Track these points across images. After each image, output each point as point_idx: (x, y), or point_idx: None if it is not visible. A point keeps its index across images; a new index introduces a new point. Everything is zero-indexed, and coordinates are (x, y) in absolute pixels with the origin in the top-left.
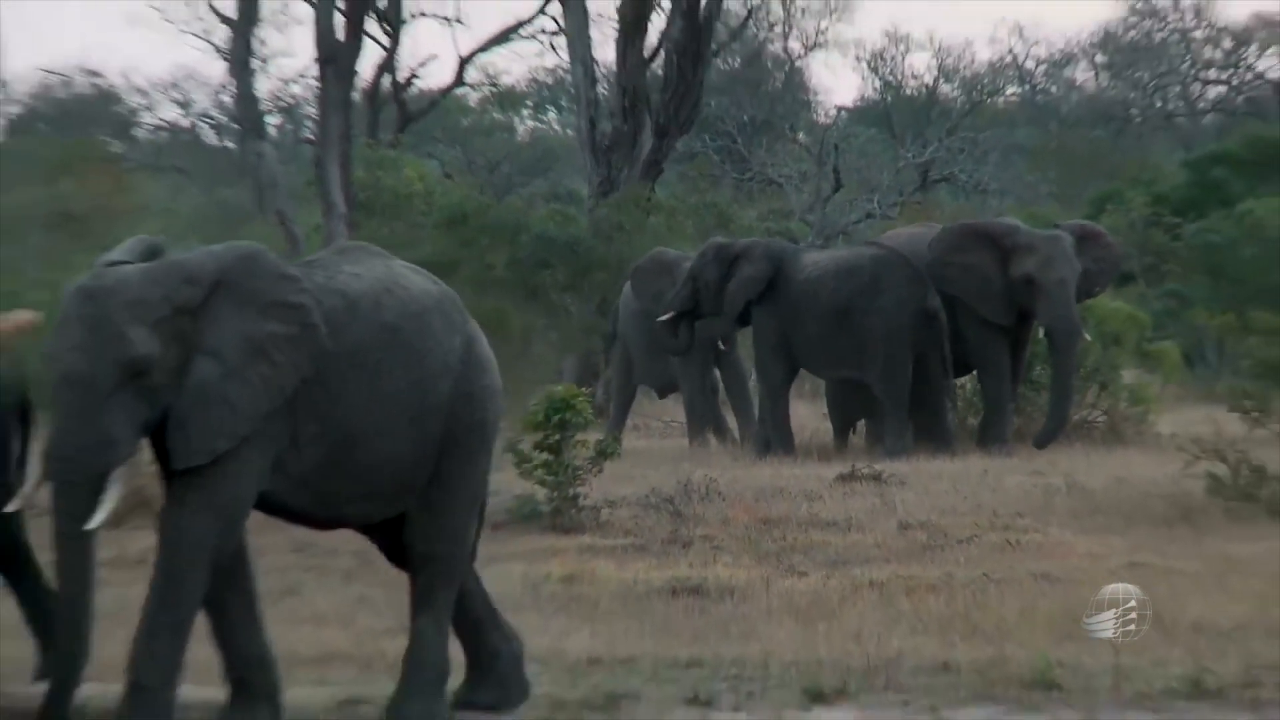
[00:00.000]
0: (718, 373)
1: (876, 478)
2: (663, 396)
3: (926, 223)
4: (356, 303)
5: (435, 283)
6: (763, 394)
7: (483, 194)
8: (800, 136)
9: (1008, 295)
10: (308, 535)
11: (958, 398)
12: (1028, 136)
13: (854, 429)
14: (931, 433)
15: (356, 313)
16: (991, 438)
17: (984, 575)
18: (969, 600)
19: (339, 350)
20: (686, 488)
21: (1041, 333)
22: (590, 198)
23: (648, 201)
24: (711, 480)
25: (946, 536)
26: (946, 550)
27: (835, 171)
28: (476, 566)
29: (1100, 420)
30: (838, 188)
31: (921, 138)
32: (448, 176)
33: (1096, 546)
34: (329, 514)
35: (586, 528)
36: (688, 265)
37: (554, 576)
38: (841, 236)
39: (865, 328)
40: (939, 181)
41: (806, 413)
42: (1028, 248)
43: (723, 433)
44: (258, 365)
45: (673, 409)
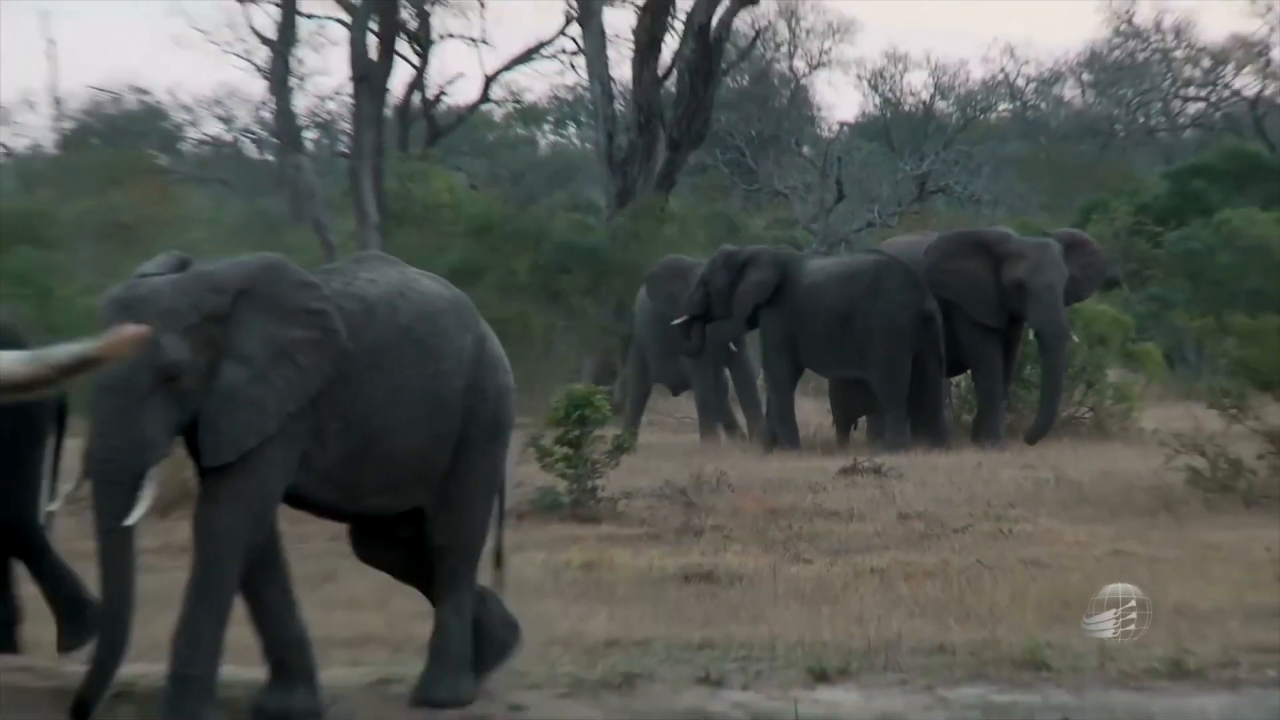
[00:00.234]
0: (728, 372)
1: (877, 470)
2: (676, 394)
3: (923, 231)
4: (374, 307)
5: (447, 287)
6: (770, 392)
7: (507, 204)
8: (805, 150)
9: (1000, 299)
10: (344, 525)
11: (953, 395)
12: (1019, 150)
13: (855, 425)
14: (928, 428)
15: (374, 316)
16: (985, 433)
17: (978, 562)
18: (964, 585)
19: (358, 351)
20: (698, 480)
21: (1032, 334)
22: (608, 208)
23: (662, 211)
24: (722, 473)
25: (943, 526)
26: (942, 539)
27: (838, 183)
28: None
29: (1087, 417)
30: (840, 198)
31: (919, 151)
32: (474, 188)
33: (1083, 535)
34: (352, 506)
35: (604, 518)
36: (699, 271)
37: (574, 563)
38: (844, 244)
39: (866, 330)
40: (935, 192)
41: (811, 409)
42: (1018, 254)
43: (732, 428)
44: (283, 368)
45: (685, 406)
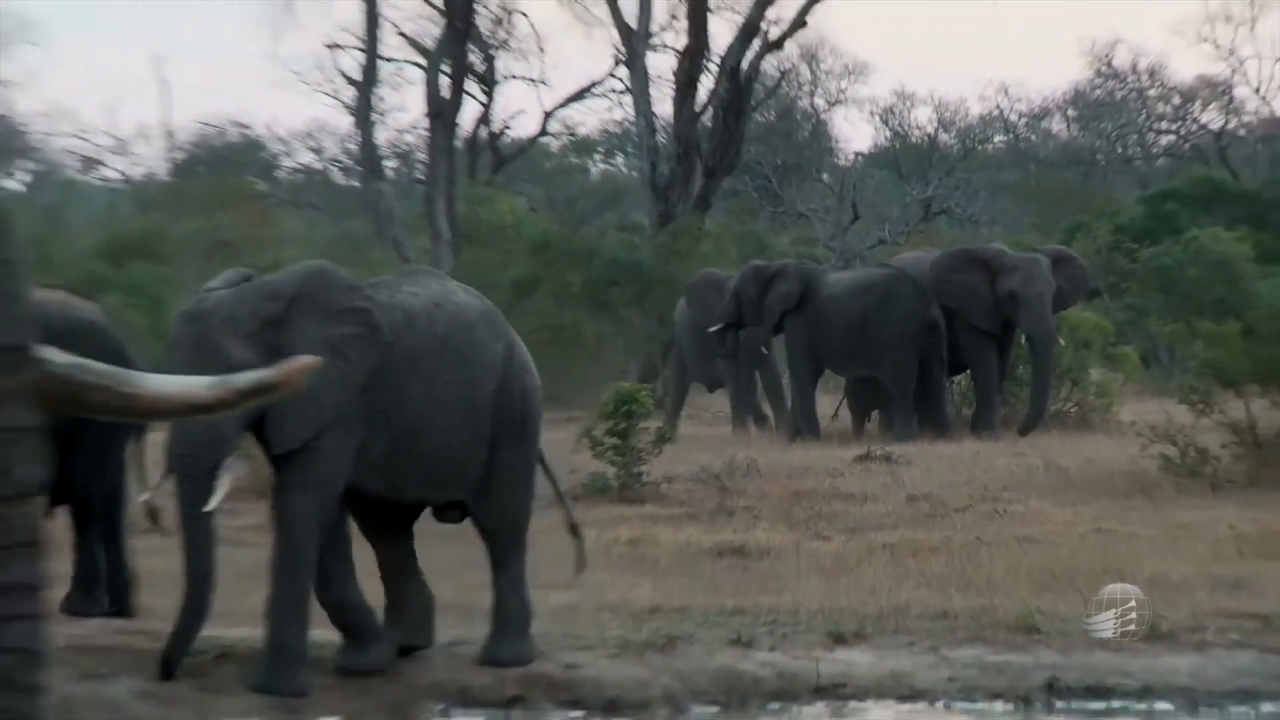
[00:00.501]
0: (757, 372)
1: (888, 458)
2: (711, 391)
3: (928, 248)
4: (414, 316)
5: (480, 299)
6: (794, 389)
7: (562, 225)
8: (824, 177)
9: (995, 307)
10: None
11: (954, 392)
12: (1012, 177)
13: (869, 418)
14: (933, 421)
15: (414, 325)
16: (982, 425)
17: (977, 539)
18: (964, 559)
19: (400, 356)
20: (731, 466)
21: (1023, 338)
22: (651, 228)
23: (698, 231)
24: (751, 460)
25: (945, 507)
26: (945, 518)
27: (853, 206)
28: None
29: (1072, 411)
30: (855, 219)
31: (924, 178)
32: (533, 210)
33: (1069, 515)
34: (396, 496)
35: (648, 499)
36: (732, 284)
37: (621, 540)
38: (858, 259)
39: (879, 335)
40: (939, 214)
41: (830, 404)
42: (1012, 268)
43: (761, 421)
44: (335, 363)
45: (719, 402)
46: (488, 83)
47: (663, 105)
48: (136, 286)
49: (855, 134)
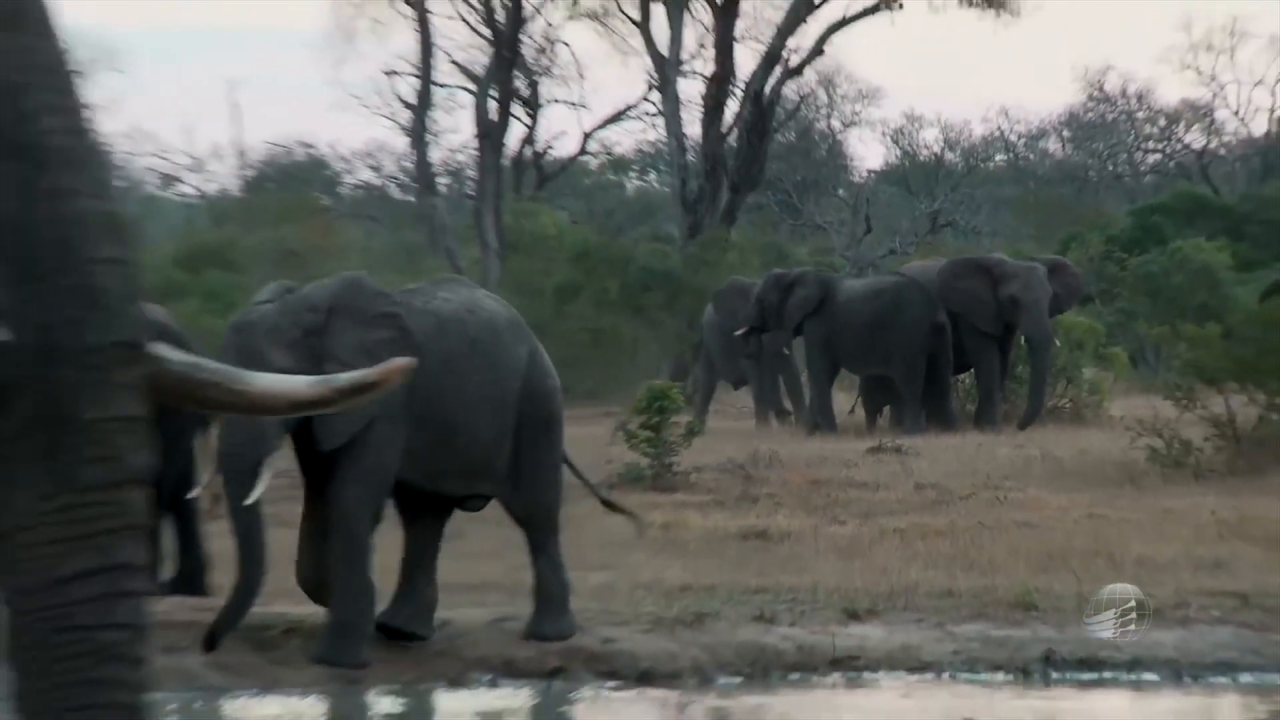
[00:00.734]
0: (779, 371)
1: (898, 450)
2: (736, 388)
3: (935, 258)
4: (447, 321)
5: (505, 306)
6: (812, 387)
7: (600, 236)
8: (840, 193)
9: (997, 312)
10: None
11: (959, 390)
12: (1012, 192)
13: (880, 413)
14: (939, 416)
15: (447, 329)
16: (985, 420)
17: (979, 523)
18: (968, 542)
19: (434, 357)
20: (754, 457)
21: (1022, 340)
22: (681, 239)
23: (725, 242)
24: (773, 452)
25: (951, 494)
26: (950, 505)
27: (866, 219)
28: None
29: (1067, 406)
30: (868, 231)
31: (931, 193)
32: (574, 223)
33: (1064, 501)
34: (433, 487)
35: (679, 487)
36: (756, 290)
37: (655, 525)
38: (871, 268)
39: (890, 337)
40: (945, 226)
41: (845, 401)
42: (1012, 275)
43: (782, 416)
44: (370, 365)
45: (743, 398)
46: (532, 106)
47: (692, 127)
48: (211, 293)
49: (868, 153)
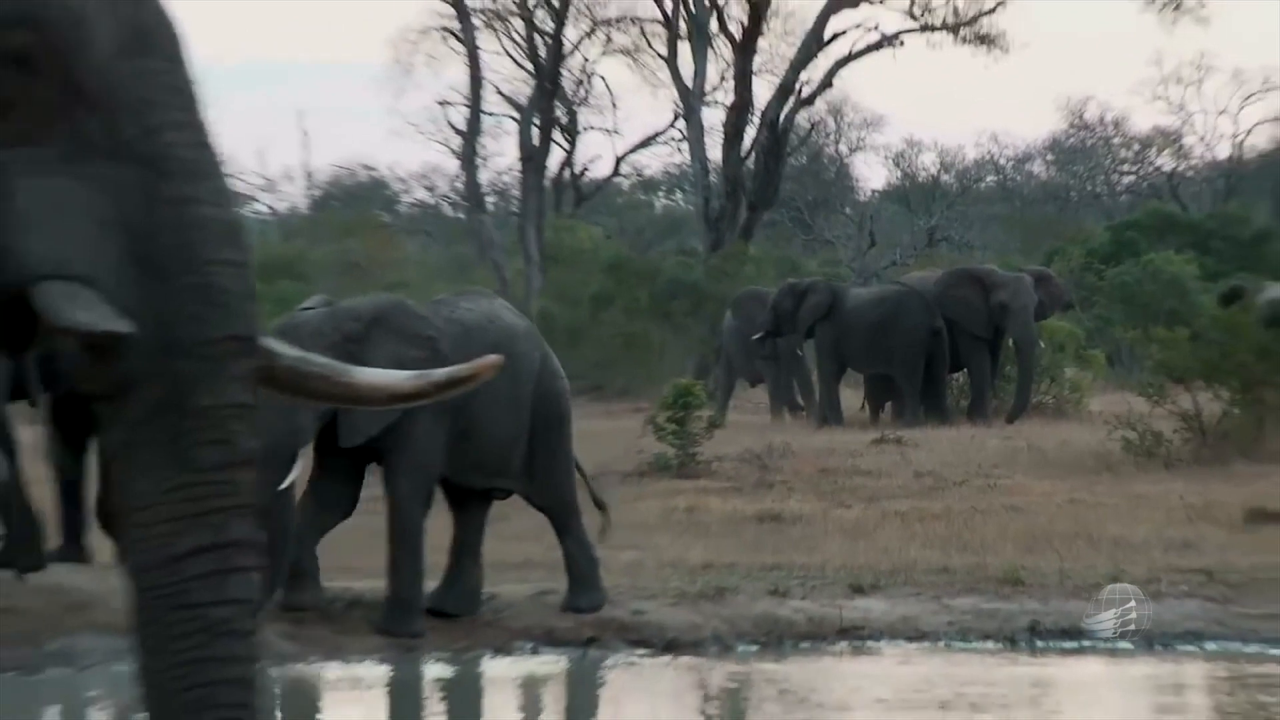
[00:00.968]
0: (792, 370)
1: (899, 441)
2: (753, 386)
3: (932, 269)
4: (470, 329)
5: (520, 316)
6: (821, 385)
7: (631, 250)
8: (847, 210)
9: (988, 317)
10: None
11: (953, 387)
12: (1001, 210)
13: (883, 408)
14: (936, 411)
15: (471, 336)
16: (977, 414)
17: (972, 508)
18: (961, 524)
19: (459, 361)
20: (769, 448)
21: (1010, 342)
22: (704, 252)
23: (743, 255)
24: (786, 443)
25: (946, 481)
26: (946, 491)
27: (870, 234)
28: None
29: (1050, 402)
30: (872, 245)
31: (929, 211)
32: (608, 238)
33: (1048, 487)
34: (459, 480)
35: (701, 475)
36: (771, 298)
37: (679, 508)
38: (875, 278)
39: (892, 340)
40: (941, 241)
41: (851, 397)
42: (1001, 284)
43: (795, 411)
44: None
45: (759, 395)
46: (570, 132)
47: (714, 151)
48: (282, 300)
49: (872, 175)
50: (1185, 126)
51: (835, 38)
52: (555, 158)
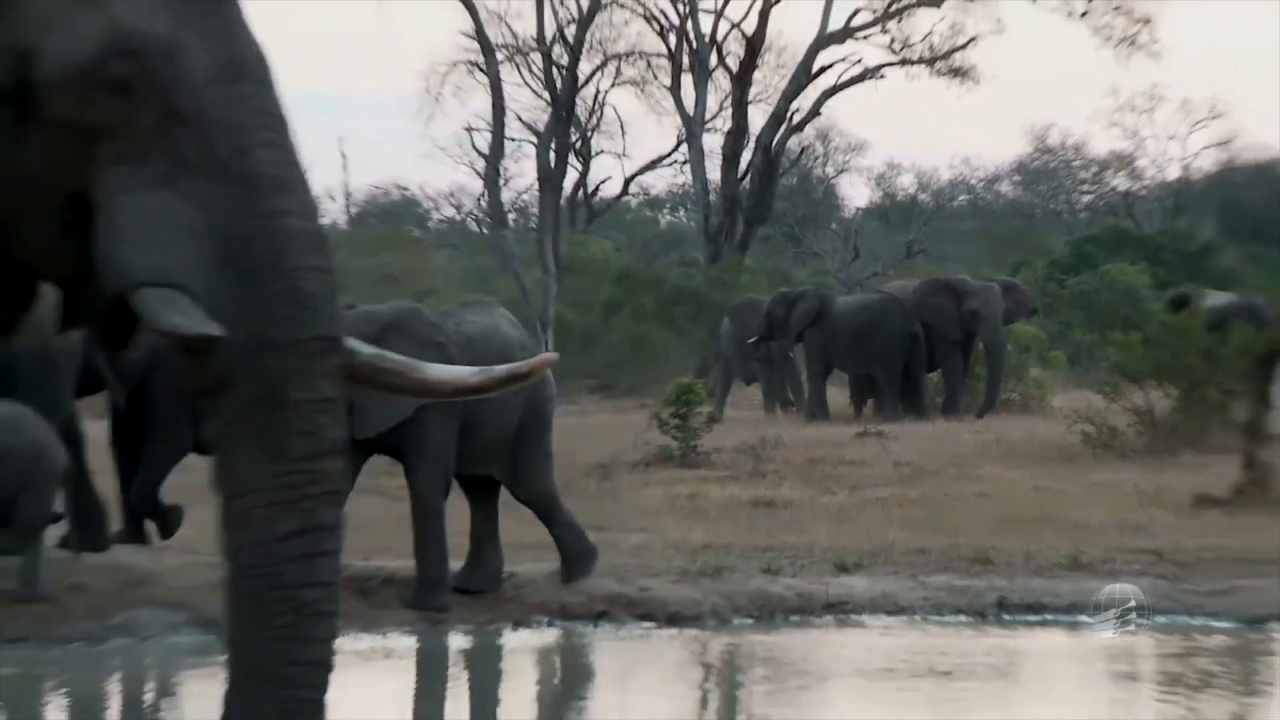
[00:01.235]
0: (784, 371)
1: (880, 434)
2: (748, 385)
3: (910, 279)
4: (473, 339)
5: (518, 328)
6: (810, 384)
7: (639, 262)
8: (833, 226)
9: (960, 322)
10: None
11: (930, 386)
12: (973, 226)
13: (865, 405)
14: (914, 407)
15: (474, 345)
16: (950, 410)
17: (946, 494)
18: (936, 509)
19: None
20: (763, 440)
21: (981, 345)
22: (704, 264)
23: (740, 266)
24: (778, 436)
25: (923, 470)
26: (923, 479)
27: (855, 248)
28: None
29: (1017, 399)
30: (856, 257)
31: (907, 227)
32: (617, 250)
33: (1014, 476)
34: (460, 469)
35: (701, 465)
36: (765, 306)
37: (682, 495)
38: (859, 287)
39: (874, 343)
40: (918, 253)
41: (837, 394)
42: (973, 293)
43: (786, 407)
44: None
45: (754, 393)
46: (584, 156)
47: (713, 172)
48: None
49: (856, 194)
50: (1138, 151)
51: (823, 70)
52: (570, 178)
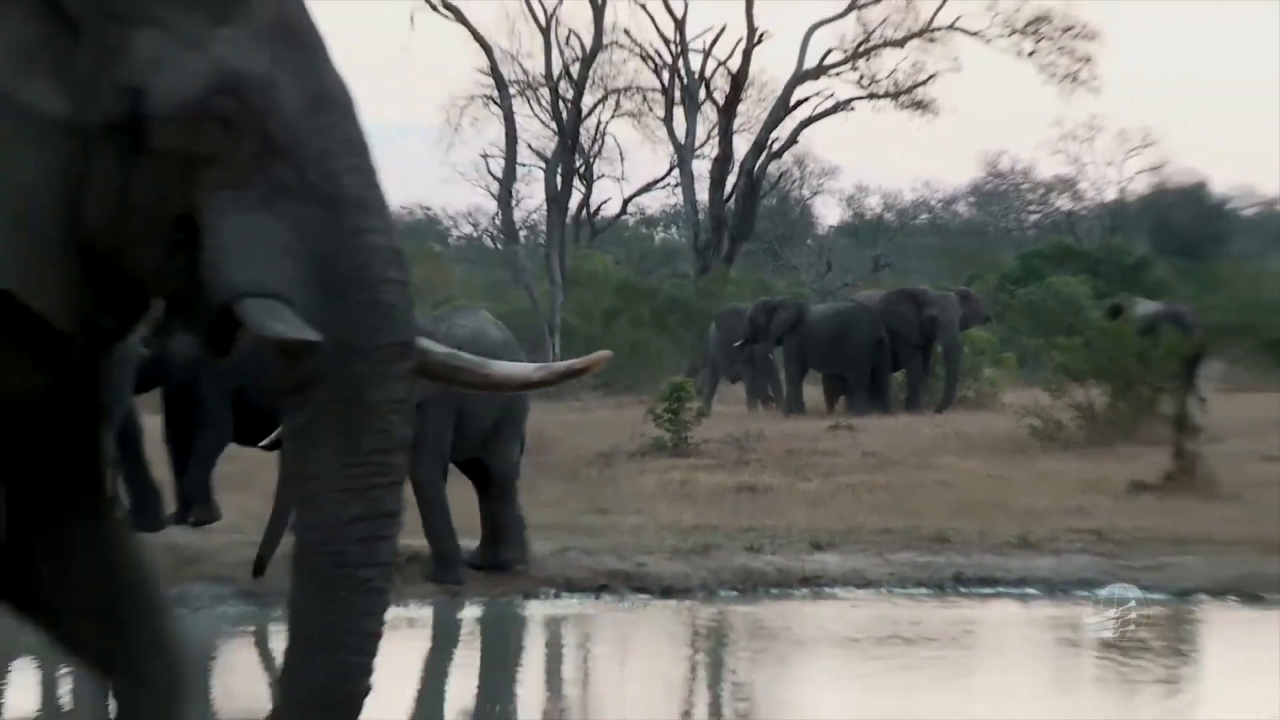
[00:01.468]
0: (765, 371)
1: (850, 428)
2: (733, 384)
3: (877, 289)
4: (463, 343)
5: (503, 330)
6: (788, 383)
7: (636, 274)
8: (809, 242)
9: (921, 328)
10: (536, 445)
11: (894, 384)
12: (933, 242)
13: (837, 401)
14: (880, 403)
15: (463, 347)
16: (912, 406)
17: (908, 481)
18: (901, 494)
19: None
20: (747, 433)
21: (940, 348)
22: (694, 276)
23: (725, 278)
24: (760, 429)
25: (888, 460)
26: (889, 468)
27: (828, 262)
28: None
29: (972, 396)
30: (829, 270)
31: (875, 243)
32: (617, 264)
33: (970, 465)
34: (452, 456)
35: (691, 454)
36: (748, 313)
37: (674, 481)
38: (831, 297)
39: (845, 347)
40: (884, 267)
41: (812, 392)
42: (932, 301)
43: (766, 403)
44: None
45: (738, 391)
46: (587, 179)
47: (702, 194)
48: None
49: (828, 213)
50: (1080, 175)
51: (800, 103)
52: (575, 200)
